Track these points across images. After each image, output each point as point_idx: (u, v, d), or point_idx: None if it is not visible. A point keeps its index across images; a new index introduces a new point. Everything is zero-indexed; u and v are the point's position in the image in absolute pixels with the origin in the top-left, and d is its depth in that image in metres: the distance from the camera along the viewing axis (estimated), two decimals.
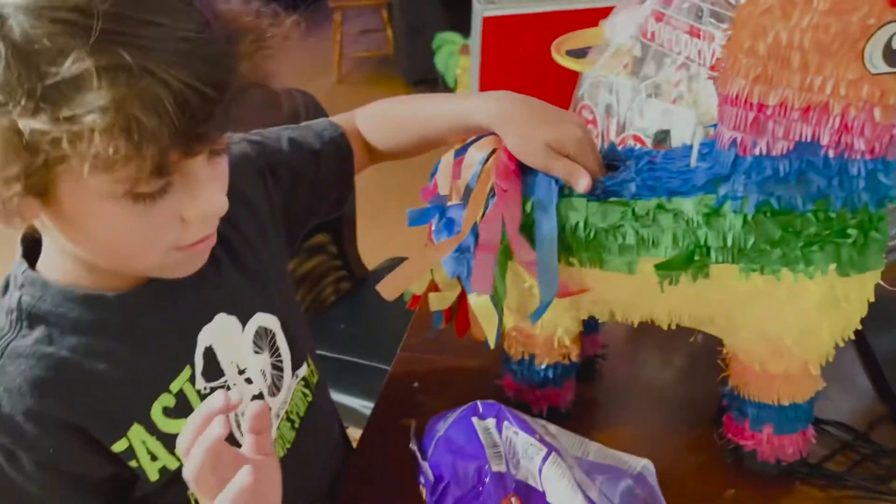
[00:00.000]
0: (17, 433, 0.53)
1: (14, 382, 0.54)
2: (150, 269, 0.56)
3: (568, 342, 0.72)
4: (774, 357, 0.64)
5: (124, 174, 0.45)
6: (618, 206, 0.64)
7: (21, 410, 0.53)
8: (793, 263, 0.60)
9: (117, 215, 0.49)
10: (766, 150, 0.58)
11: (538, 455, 0.57)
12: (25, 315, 0.56)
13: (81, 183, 0.45)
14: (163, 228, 0.51)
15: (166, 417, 0.60)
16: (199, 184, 0.51)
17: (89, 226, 0.50)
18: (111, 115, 0.42)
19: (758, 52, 0.55)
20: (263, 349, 0.69)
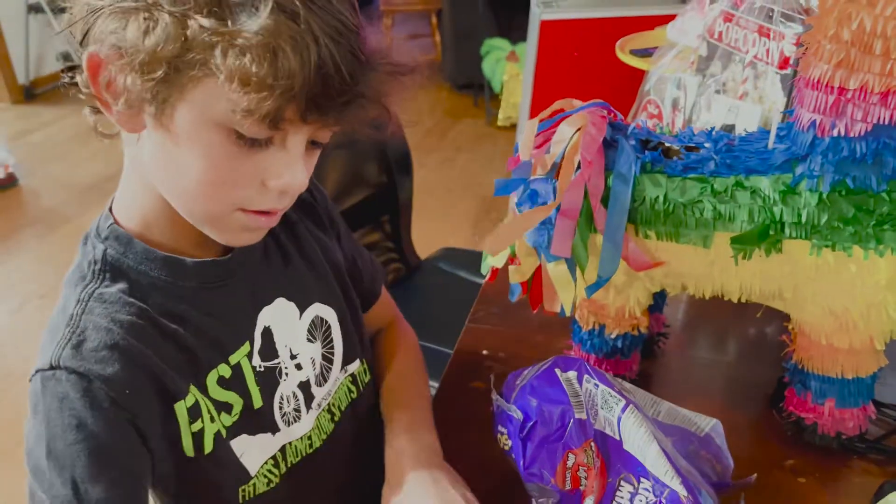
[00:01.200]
0: (100, 364, 0.55)
1: (102, 320, 0.57)
2: (211, 219, 0.58)
3: (638, 313, 0.76)
4: (840, 331, 0.68)
5: (248, 101, 0.48)
6: (697, 182, 0.68)
7: (107, 344, 0.56)
8: (864, 241, 0.63)
9: (214, 147, 0.52)
10: (844, 131, 0.62)
11: (617, 405, 0.61)
12: (109, 267, 0.59)
13: (205, 99, 0.49)
14: (244, 182, 0.54)
15: (218, 386, 0.63)
16: (293, 158, 0.54)
17: (185, 151, 0.52)
18: (266, 40, 0.46)
19: (841, 39, 0.59)
20: (316, 339, 0.73)
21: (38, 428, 0.55)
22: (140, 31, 0.48)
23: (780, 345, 0.79)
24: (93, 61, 0.51)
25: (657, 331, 0.88)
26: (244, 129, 0.51)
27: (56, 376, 0.55)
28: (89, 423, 0.54)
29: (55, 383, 0.55)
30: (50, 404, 0.54)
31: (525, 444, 0.61)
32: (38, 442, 0.55)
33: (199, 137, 0.52)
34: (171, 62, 0.48)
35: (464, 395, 0.83)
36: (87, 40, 0.51)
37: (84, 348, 0.55)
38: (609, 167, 0.70)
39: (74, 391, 0.54)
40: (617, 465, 0.62)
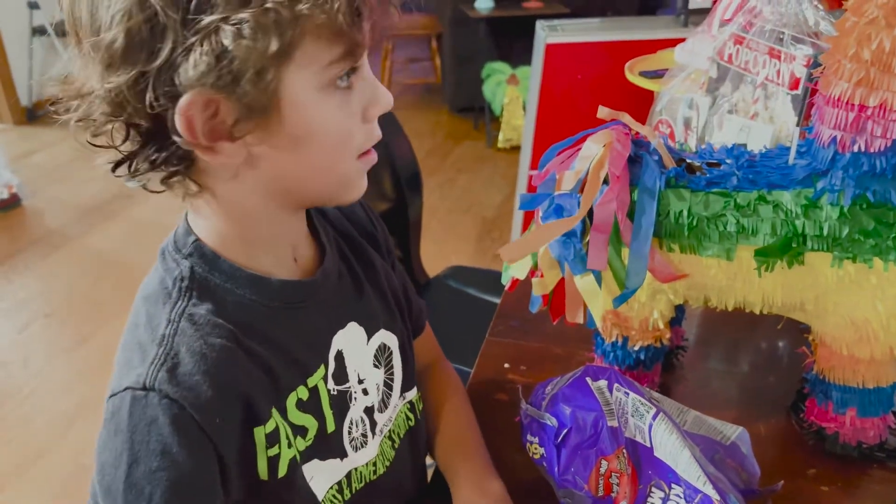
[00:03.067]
0: (195, 392, 0.54)
1: (194, 344, 0.55)
2: (344, 182, 0.59)
3: (662, 325, 0.78)
4: (861, 342, 0.70)
5: (337, 51, 0.51)
6: (720, 197, 0.70)
7: (202, 370, 0.54)
8: (884, 253, 0.65)
9: (328, 108, 0.54)
10: (865, 147, 0.64)
11: (648, 413, 0.63)
12: (196, 285, 0.58)
13: (301, 74, 0.51)
14: (355, 125, 0.57)
15: (297, 409, 0.62)
16: (374, 81, 0.57)
17: (306, 135, 0.54)
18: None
19: (861, 58, 0.62)
20: (381, 364, 0.73)
21: (118, 448, 0.53)
22: (235, 46, 0.47)
23: (792, 356, 0.81)
24: (189, 112, 0.49)
25: (677, 343, 0.90)
26: (338, 72, 0.53)
27: (148, 398, 0.53)
28: (174, 451, 0.52)
29: (146, 405, 0.53)
30: (136, 426, 0.53)
31: (559, 450, 0.63)
32: (116, 462, 0.53)
33: (313, 115, 0.53)
34: (274, 58, 0.48)
35: (488, 407, 0.84)
36: (169, 95, 0.48)
37: (179, 372, 0.54)
38: (633, 182, 0.72)
39: (164, 416, 0.53)
40: (648, 471, 0.63)
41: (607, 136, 0.73)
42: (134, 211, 3.17)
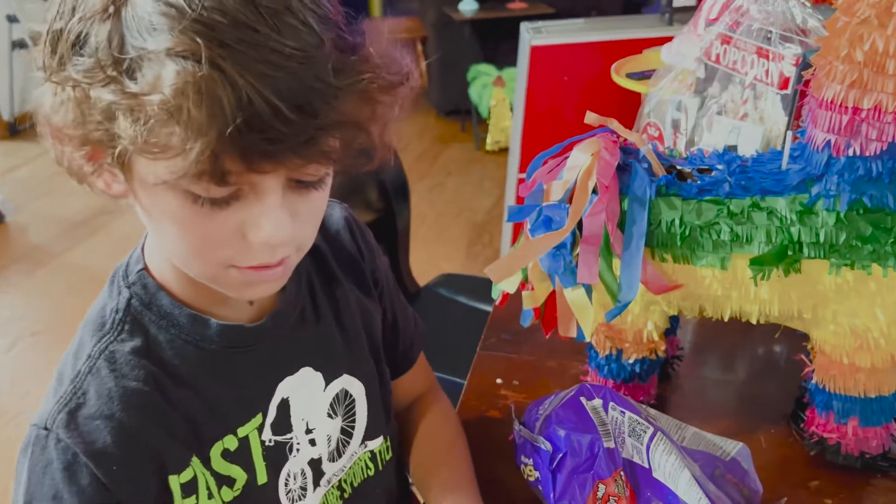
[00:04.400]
0: (90, 437, 0.52)
1: (105, 386, 0.54)
2: (210, 279, 0.53)
3: (656, 337, 0.76)
4: (861, 350, 0.68)
5: (178, 168, 0.42)
6: (713, 205, 0.68)
7: (104, 414, 0.53)
8: (883, 259, 0.64)
9: (178, 210, 0.47)
10: (860, 150, 0.62)
11: (646, 433, 0.60)
12: (130, 319, 0.56)
13: (144, 168, 0.45)
14: (222, 240, 0.48)
15: (222, 459, 0.59)
16: (267, 207, 0.47)
17: (157, 219, 0.49)
18: (164, 99, 0.40)
19: (854, 59, 0.60)
20: (338, 414, 0.68)
21: (20, 482, 0.54)
22: (57, 106, 0.44)
23: (791, 362, 0.79)
24: (52, 124, 0.46)
25: (672, 354, 0.87)
26: (196, 189, 0.45)
27: (48, 440, 0.53)
28: (65, 497, 0.52)
29: (44, 446, 0.53)
30: (33, 467, 0.53)
31: (555, 475, 0.60)
32: (16, 497, 0.54)
33: (160, 204, 0.47)
34: (89, 137, 0.44)
35: (480, 424, 0.81)
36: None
37: (80, 415, 0.53)
38: (623, 191, 0.70)
39: (58, 462, 0.52)
40: (647, 493, 0.61)
41: (595, 145, 0.71)
42: (118, 225, 3.13)
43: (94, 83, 0.42)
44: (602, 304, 0.76)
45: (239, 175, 0.44)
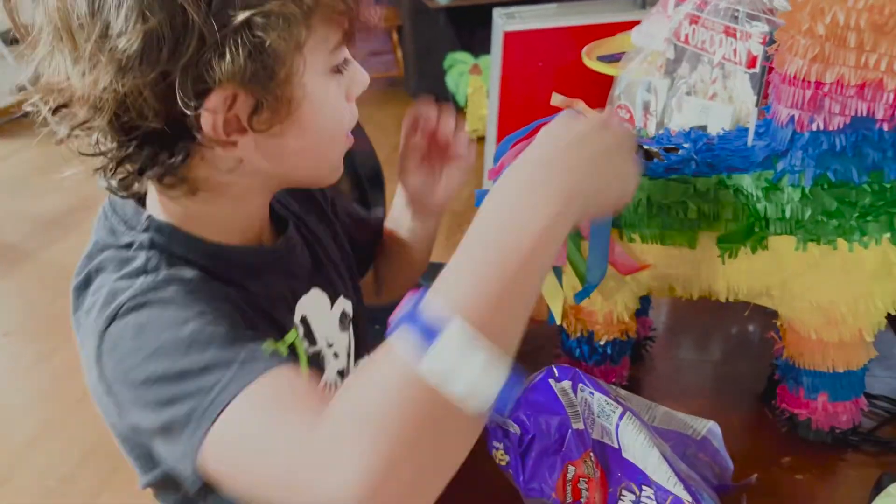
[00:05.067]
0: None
1: (170, 285, 0.52)
2: (330, 162, 0.59)
3: (627, 318, 0.76)
4: (829, 325, 0.68)
5: (336, 39, 0.53)
6: (679, 184, 0.67)
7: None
8: (848, 233, 0.63)
9: (330, 92, 0.54)
10: (823, 125, 0.62)
11: (614, 413, 0.60)
12: (156, 254, 0.54)
13: (310, 61, 0.51)
14: (343, 109, 0.57)
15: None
16: (353, 64, 0.57)
17: (312, 122, 0.53)
18: None
19: (816, 33, 0.59)
20: (346, 329, 0.71)
21: (149, 343, 0.48)
22: (268, 36, 0.47)
23: (764, 341, 0.79)
24: (216, 109, 0.48)
25: (644, 335, 0.87)
26: (337, 58, 0.54)
27: (157, 289, 0.50)
28: (209, 308, 0.50)
29: (152, 302, 0.50)
30: (155, 316, 0.49)
31: (524, 458, 0.60)
32: (161, 353, 0.48)
33: (318, 100, 0.53)
34: (295, 46, 0.49)
35: None
36: (200, 91, 0.47)
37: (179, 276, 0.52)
38: None
39: (181, 290, 0.51)
40: (617, 473, 0.60)
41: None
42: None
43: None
44: (573, 287, 0.76)
45: (353, 37, 0.55)
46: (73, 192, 3.40)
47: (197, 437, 0.44)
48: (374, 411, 0.39)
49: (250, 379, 0.45)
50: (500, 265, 0.43)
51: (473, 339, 0.39)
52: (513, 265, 0.43)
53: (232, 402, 0.44)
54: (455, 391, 0.38)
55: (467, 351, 0.39)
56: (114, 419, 0.56)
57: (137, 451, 0.59)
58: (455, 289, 0.42)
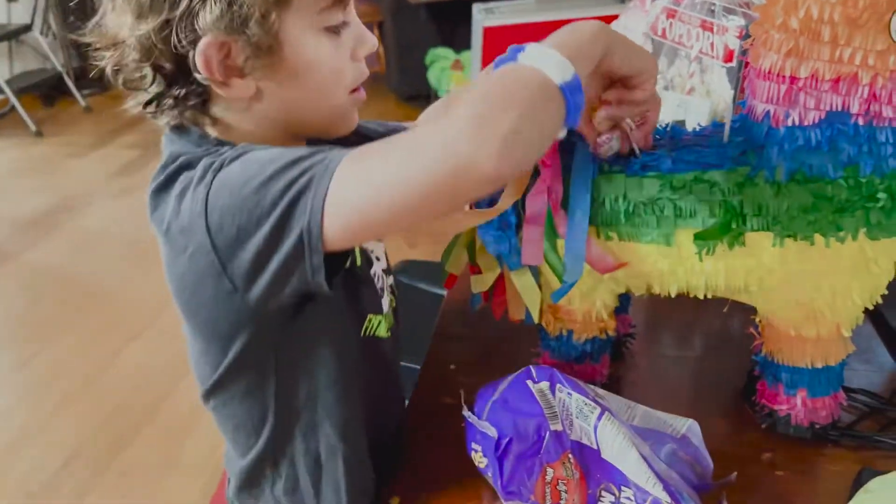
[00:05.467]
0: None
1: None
2: (338, 114, 0.66)
3: (605, 316, 0.75)
4: (807, 321, 0.67)
5: (326, 1, 0.59)
6: (655, 180, 0.67)
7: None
8: (825, 229, 0.63)
9: (321, 47, 0.61)
10: (798, 120, 0.61)
11: (593, 413, 0.59)
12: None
13: (299, 18, 0.59)
14: (345, 63, 0.64)
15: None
16: (359, 28, 0.65)
17: (305, 72, 0.61)
18: None
19: (790, 27, 0.59)
20: (380, 244, 0.78)
21: (260, 159, 0.56)
22: (215, 20, 0.56)
23: (744, 336, 0.78)
24: (207, 52, 0.57)
25: (624, 332, 0.87)
26: (329, 19, 0.61)
27: (248, 147, 0.59)
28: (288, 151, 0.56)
29: (251, 150, 0.58)
30: (258, 152, 0.57)
31: (501, 462, 0.59)
32: (273, 159, 0.55)
33: (310, 53, 0.61)
34: (274, 3, 0.57)
35: (435, 411, 0.80)
36: (190, 39, 0.57)
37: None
38: (565, 170, 0.69)
39: (256, 150, 0.58)
40: (596, 474, 0.60)
41: None
42: (78, 222, 3.06)
43: None
44: (550, 286, 0.75)
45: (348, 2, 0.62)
46: (56, 193, 3.37)
47: (321, 189, 0.52)
48: (500, 93, 0.51)
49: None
50: (569, 36, 0.57)
51: (552, 49, 0.53)
52: (575, 39, 0.57)
53: (348, 157, 0.53)
54: (546, 69, 0.52)
55: (547, 51, 0.53)
56: (209, 289, 0.59)
57: (224, 326, 0.62)
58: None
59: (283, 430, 0.68)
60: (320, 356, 0.66)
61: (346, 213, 0.52)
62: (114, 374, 2.13)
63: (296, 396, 0.67)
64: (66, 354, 2.23)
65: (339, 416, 0.68)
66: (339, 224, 0.52)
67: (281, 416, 0.68)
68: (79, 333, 2.32)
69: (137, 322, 2.34)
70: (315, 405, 0.67)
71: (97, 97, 4.47)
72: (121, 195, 3.27)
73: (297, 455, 0.69)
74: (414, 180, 0.50)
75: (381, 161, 0.52)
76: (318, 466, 0.70)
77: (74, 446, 1.86)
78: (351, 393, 0.68)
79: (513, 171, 0.49)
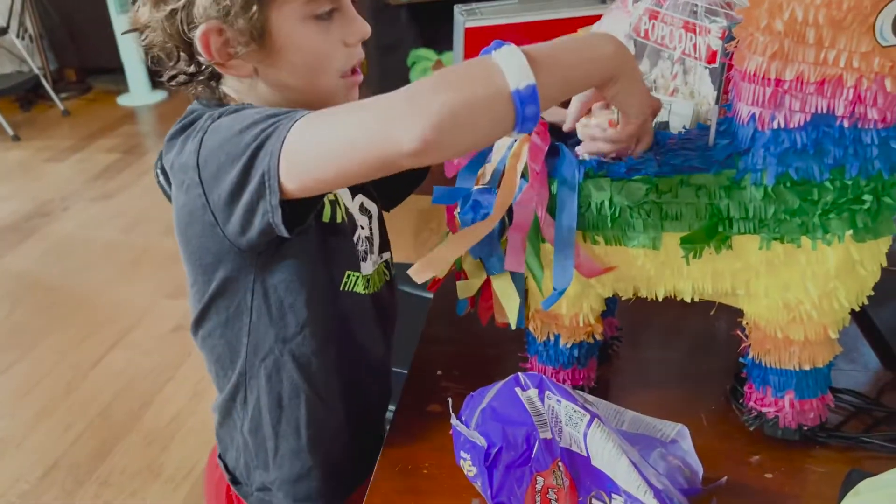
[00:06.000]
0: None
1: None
2: (329, 94, 0.70)
3: (592, 320, 0.75)
4: (795, 323, 0.67)
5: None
6: (642, 184, 0.66)
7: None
8: (811, 231, 0.63)
9: (309, 34, 0.67)
10: (784, 123, 0.61)
11: (582, 421, 0.59)
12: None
13: (286, 9, 0.65)
14: (335, 49, 0.69)
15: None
16: (352, 14, 0.70)
17: (293, 56, 0.67)
18: None
19: (774, 30, 0.59)
20: (365, 216, 0.81)
21: (248, 112, 0.63)
22: (207, 8, 0.63)
23: (731, 337, 0.78)
24: (205, 37, 0.65)
25: (611, 335, 0.87)
26: (318, 9, 0.66)
27: (247, 106, 0.67)
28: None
29: (249, 106, 0.66)
30: (251, 109, 0.65)
31: (491, 471, 0.59)
32: (257, 113, 0.62)
33: (296, 40, 0.67)
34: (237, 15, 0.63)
35: (422, 419, 0.79)
36: (191, 25, 0.65)
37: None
38: (551, 175, 0.68)
39: (252, 108, 0.65)
40: (587, 482, 0.59)
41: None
42: (54, 227, 3.01)
43: None
44: (537, 291, 0.74)
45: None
46: (32, 198, 3.32)
47: (281, 136, 0.58)
48: (452, 78, 0.55)
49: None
50: (571, 49, 0.65)
51: (521, 53, 0.56)
52: (573, 55, 0.64)
53: (312, 113, 0.59)
54: (507, 71, 0.54)
55: (515, 54, 0.56)
56: (197, 221, 0.67)
57: (208, 257, 0.70)
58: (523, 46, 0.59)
59: (252, 367, 0.74)
60: (292, 301, 0.72)
61: (297, 163, 0.58)
62: (95, 381, 2.10)
63: (266, 336, 0.73)
64: (46, 362, 2.20)
65: (306, 359, 0.73)
66: (293, 172, 0.59)
67: (251, 353, 0.74)
68: (58, 340, 2.29)
69: (118, 328, 2.31)
70: (283, 347, 0.73)
71: (75, 101, 4.42)
72: (100, 199, 3.24)
73: (262, 394, 0.75)
74: (351, 144, 0.56)
75: (331, 122, 0.58)
76: (279, 407, 0.75)
77: (55, 456, 1.83)
78: (321, 338, 0.73)
79: (439, 150, 0.53)
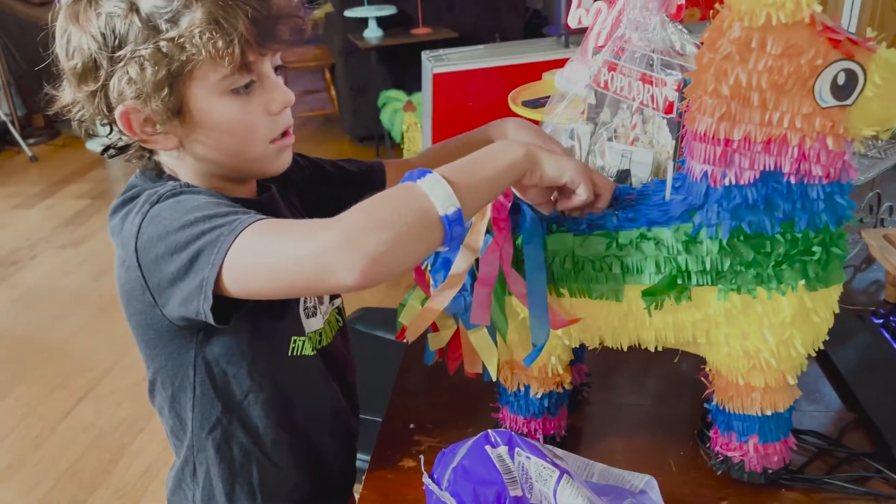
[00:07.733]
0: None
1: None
2: (259, 160, 0.73)
3: (561, 370, 0.76)
4: (755, 371, 0.69)
5: (224, 70, 0.65)
6: (602, 238, 0.69)
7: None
8: (766, 282, 0.66)
9: (227, 109, 0.68)
10: (735, 180, 0.64)
11: (552, 477, 0.60)
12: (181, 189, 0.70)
13: (200, 87, 0.66)
14: (258, 120, 0.70)
15: None
16: (272, 83, 0.71)
17: (216, 129, 0.69)
18: (206, 23, 0.63)
19: (721, 93, 0.62)
20: None
21: (185, 205, 0.66)
22: (140, 72, 0.64)
23: (697, 381, 0.80)
24: (125, 116, 0.67)
25: (580, 381, 0.88)
26: (232, 82, 0.67)
27: (185, 189, 0.69)
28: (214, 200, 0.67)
29: (186, 192, 0.68)
30: (189, 196, 0.67)
31: None
32: (195, 208, 0.65)
33: (214, 116, 0.68)
34: (168, 77, 0.65)
35: (395, 475, 0.80)
36: (110, 106, 0.67)
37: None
38: (515, 231, 0.70)
39: (190, 193, 0.69)
40: None
41: None
42: (23, 276, 2.97)
43: (161, 38, 0.64)
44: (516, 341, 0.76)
45: (254, 63, 0.68)
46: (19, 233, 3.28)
47: (223, 248, 0.61)
48: (383, 212, 0.58)
49: (261, 218, 0.63)
50: (481, 162, 0.65)
51: (444, 182, 0.60)
52: (486, 167, 0.64)
53: (252, 226, 0.61)
54: (434, 199, 0.58)
55: (441, 183, 0.59)
56: (137, 300, 0.69)
57: (150, 333, 0.72)
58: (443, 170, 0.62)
59: (199, 440, 0.77)
60: (235, 372, 0.74)
61: (238, 278, 0.62)
62: (63, 435, 2.07)
63: (213, 409, 0.75)
64: (14, 414, 2.16)
65: (253, 423, 0.77)
66: (232, 279, 0.62)
67: (197, 428, 0.76)
68: (26, 393, 2.25)
69: (87, 379, 2.27)
70: (231, 416, 0.76)
71: (44, 146, 4.39)
72: (68, 246, 3.20)
73: (211, 465, 0.77)
74: (293, 270, 0.59)
75: (271, 242, 0.61)
76: (231, 474, 0.78)
77: (49, 485, 1.79)
78: (266, 403, 0.76)
79: (374, 283, 0.57)
